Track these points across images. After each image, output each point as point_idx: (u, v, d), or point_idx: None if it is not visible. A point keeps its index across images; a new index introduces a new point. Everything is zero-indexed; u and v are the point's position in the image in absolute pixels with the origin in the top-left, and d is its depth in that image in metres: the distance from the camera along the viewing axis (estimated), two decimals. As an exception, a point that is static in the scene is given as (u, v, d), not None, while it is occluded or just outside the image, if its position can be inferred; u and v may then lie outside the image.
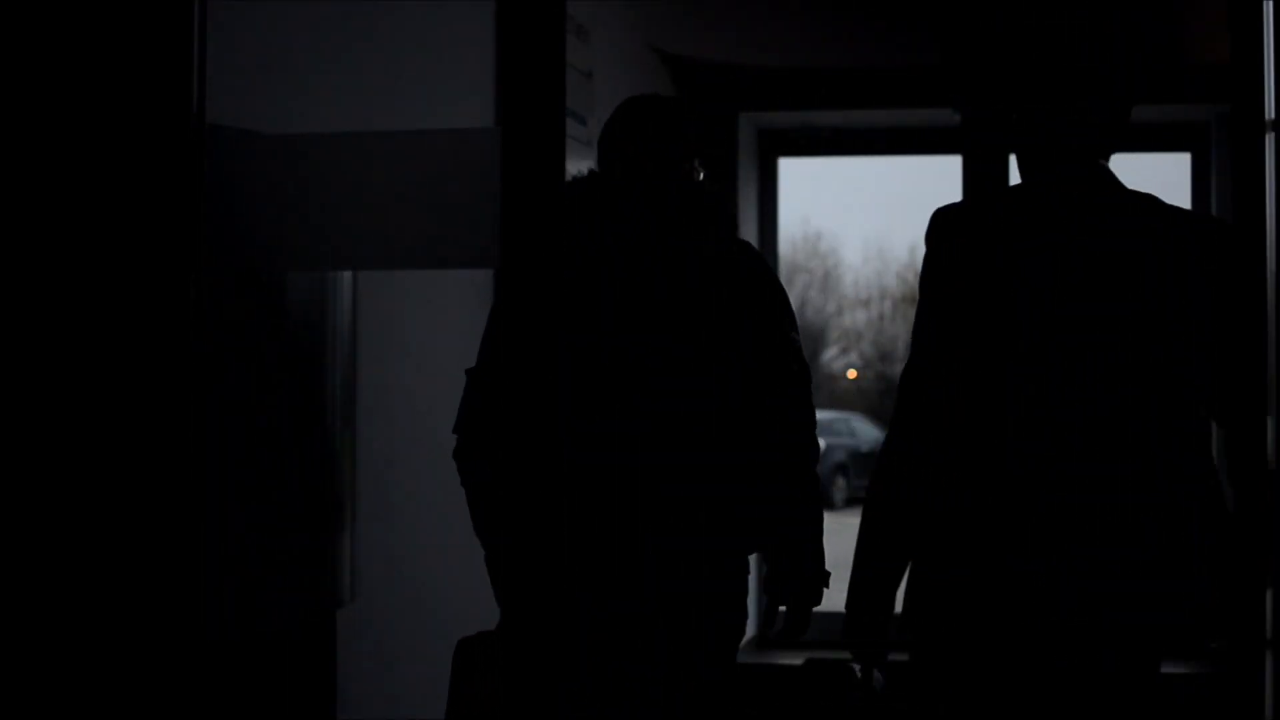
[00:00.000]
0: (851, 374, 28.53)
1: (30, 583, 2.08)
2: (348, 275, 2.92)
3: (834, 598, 3.16)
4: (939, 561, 2.48)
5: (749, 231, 5.83)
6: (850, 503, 17.98)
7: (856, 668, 2.66)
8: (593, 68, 4.50)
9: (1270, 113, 3.82)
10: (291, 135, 2.49)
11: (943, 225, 2.60)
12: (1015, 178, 2.76)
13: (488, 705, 2.93)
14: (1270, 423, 3.68)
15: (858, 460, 18.67)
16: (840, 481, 18.14)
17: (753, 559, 3.55)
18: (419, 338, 3.45)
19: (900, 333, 29.39)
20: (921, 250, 2.72)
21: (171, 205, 2.09)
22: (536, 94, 3.42)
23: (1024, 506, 2.40)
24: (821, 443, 3.27)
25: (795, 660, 5.58)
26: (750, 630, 5.62)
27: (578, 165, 3.04)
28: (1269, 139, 3.79)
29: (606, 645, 3.16)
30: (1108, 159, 2.58)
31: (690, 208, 2.99)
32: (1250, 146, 3.93)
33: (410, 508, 3.39)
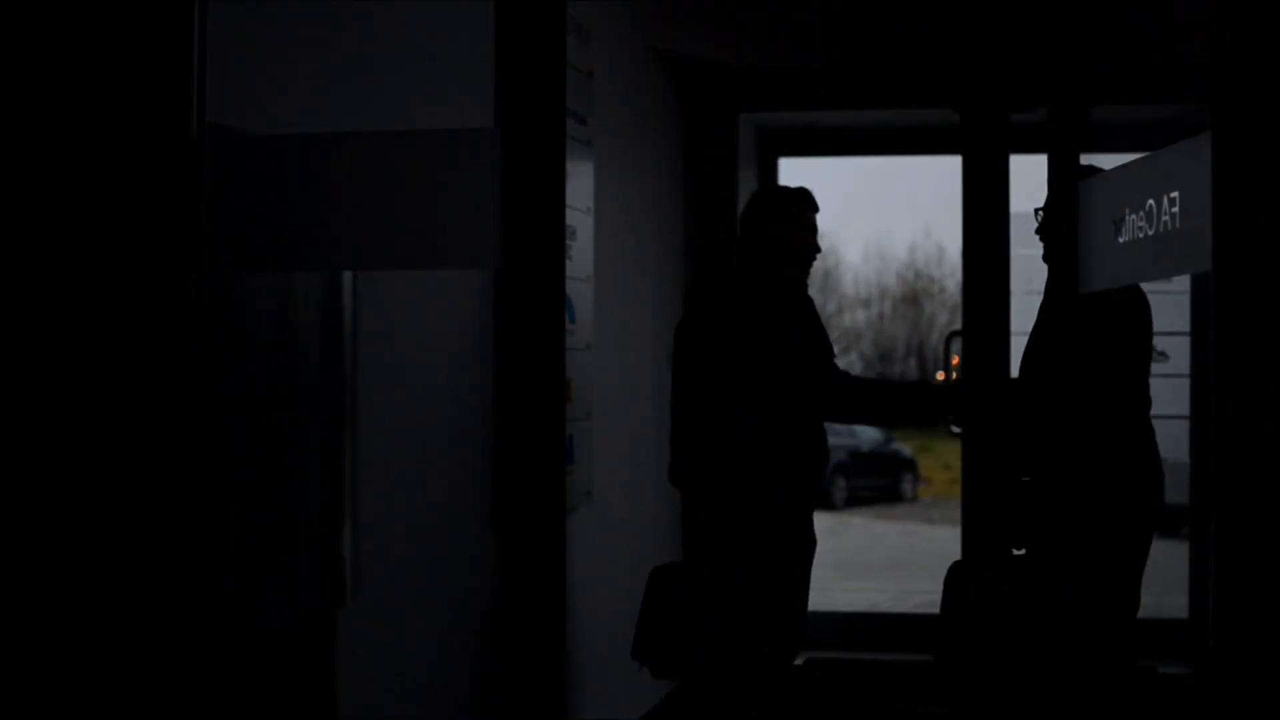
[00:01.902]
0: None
1: (29, 581, 2.07)
2: (348, 275, 2.91)
3: (830, 599, 3.19)
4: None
5: (749, 231, 5.82)
6: (850, 503, 17.81)
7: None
8: (593, 68, 4.49)
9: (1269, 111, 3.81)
10: (291, 135, 2.49)
11: None
12: (1014, 179, 2.90)
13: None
14: None
15: (858, 460, 18.56)
16: (840, 481, 17.99)
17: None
18: (418, 338, 3.45)
19: (900, 333, 29.31)
20: (921, 250, 2.89)
21: (172, 205, 2.09)
22: (536, 94, 3.43)
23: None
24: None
25: (795, 660, 5.59)
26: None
27: (578, 165, 3.04)
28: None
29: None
30: None
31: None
32: (1249, 146, 3.93)
33: (410, 508, 3.38)
